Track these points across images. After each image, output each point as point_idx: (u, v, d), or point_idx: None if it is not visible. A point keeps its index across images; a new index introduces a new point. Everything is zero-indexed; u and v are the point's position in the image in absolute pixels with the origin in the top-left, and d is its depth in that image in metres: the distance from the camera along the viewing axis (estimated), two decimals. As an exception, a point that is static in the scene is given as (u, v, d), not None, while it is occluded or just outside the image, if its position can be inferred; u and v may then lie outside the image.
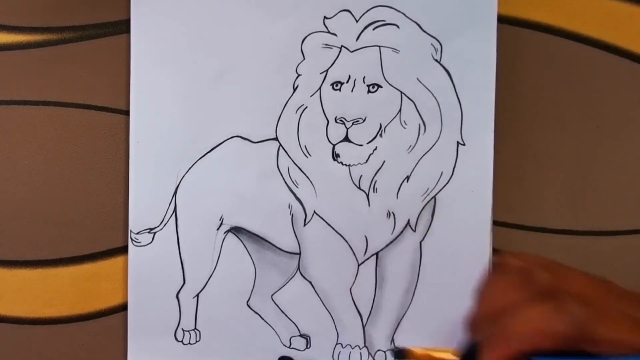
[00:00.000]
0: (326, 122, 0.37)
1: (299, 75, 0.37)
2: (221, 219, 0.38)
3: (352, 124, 0.37)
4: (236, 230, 0.38)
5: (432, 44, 0.37)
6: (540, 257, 0.27)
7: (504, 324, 0.26)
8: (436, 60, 0.37)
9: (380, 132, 0.37)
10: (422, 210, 0.37)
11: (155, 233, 0.37)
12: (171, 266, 0.38)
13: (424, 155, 0.37)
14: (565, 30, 0.38)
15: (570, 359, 0.25)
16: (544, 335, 0.24)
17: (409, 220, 0.37)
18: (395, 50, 0.37)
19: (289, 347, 0.38)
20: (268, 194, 0.37)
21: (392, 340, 0.38)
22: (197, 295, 0.38)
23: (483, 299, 0.28)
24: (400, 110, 0.37)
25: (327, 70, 0.37)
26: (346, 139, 0.37)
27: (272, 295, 0.38)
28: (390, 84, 0.37)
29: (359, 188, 0.37)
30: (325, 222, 0.37)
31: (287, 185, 0.37)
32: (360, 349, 0.38)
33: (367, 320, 0.38)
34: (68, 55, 0.38)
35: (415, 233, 0.37)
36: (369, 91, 0.37)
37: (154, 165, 0.37)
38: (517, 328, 0.25)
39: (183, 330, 0.38)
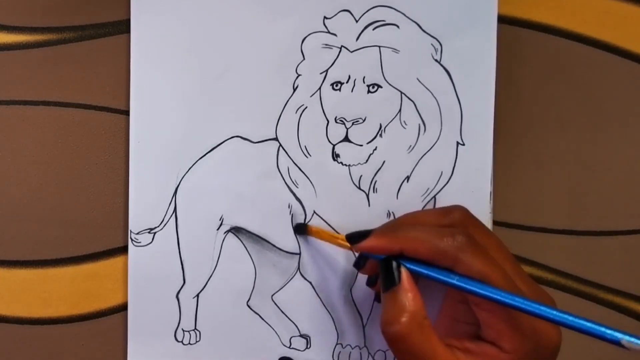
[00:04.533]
0: (326, 122, 0.37)
1: (299, 75, 0.37)
2: (221, 219, 0.38)
3: (352, 124, 0.37)
4: (236, 230, 0.38)
5: (432, 44, 0.37)
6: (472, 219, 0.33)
7: (402, 226, 0.32)
8: (436, 60, 0.37)
9: (380, 132, 0.37)
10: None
11: (155, 233, 0.38)
12: (171, 266, 0.38)
13: (424, 155, 0.37)
14: (565, 30, 0.38)
15: (434, 270, 0.30)
16: (423, 244, 0.30)
17: (409, 220, 0.37)
18: (395, 50, 0.37)
19: (289, 347, 0.38)
20: (268, 194, 0.37)
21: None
22: (197, 296, 0.38)
23: (407, 214, 0.34)
24: (400, 110, 0.37)
25: (327, 71, 0.37)
26: (346, 139, 0.37)
27: (272, 296, 0.38)
28: (390, 84, 0.37)
29: (359, 188, 0.37)
30: (326, 222, 0.37)
31: (287, 185, 0.37)
32: (360, 349, 0.38)
33: (367, 320, 0.38)
34: (68, 55, 0.38)
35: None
36: (369, 91, 0.37)
37: (154, 165, 0.37)
38: (407, 232, 0.31)
39: (183, 331, 0.38)
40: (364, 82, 0.37)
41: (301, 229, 0.37)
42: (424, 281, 0.32)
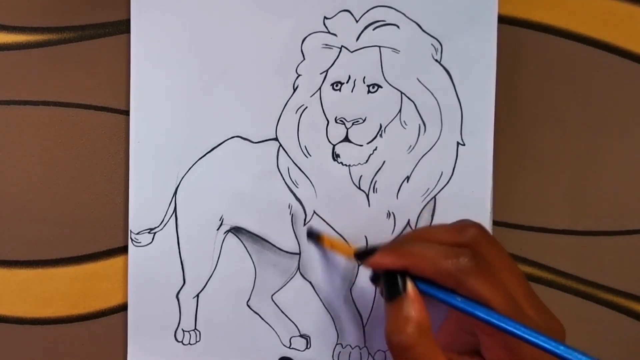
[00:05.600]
0: (326, 122, 0.37)
1: (299, 75, 0.37)
2: (221, 219, 0.38)
3: (352, 124, 0.37)
4: (236, 231, 0.38)
5: (432, 44, 0.37)
6: (487, 235, 0.32)
7: (412, 243, 0.30)
8: (436, 60, 0.37)
9: (380, 132, 0.37)
10: (422, 210, 0.37)
11: (155, 233, 0.38)
12: (171, 266, 0.38)
13: (424, 155, 0.37)
14: (565, 30, 0.38)
15: (441, 290, 0.29)
16: (427, 263, 0.29)
17: (409, 220, 0.37)
18: (395, 50, 0.37)
19: (289, 348, 0.38)
20: (268, 194, 0.37)
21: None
22: (197, 296, 0.38)
23: (419, 229, 0.34)
24: (400, 110, 0.37)
25: (327, 71, 0.37)
26: (346, 139, 0.37)
27: (272, 296, 0.38)
28: (390, 84, 0.37)
29: (359, 188, 0.37)
30: (326, 222, 0.37)
31: (287, 186, 0.37)
32: (360, 349, 0.38)
33: (367, 320, 0.38)
34: (68, 55, 0.38)
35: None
36: (369, 91, 0.37)
37: (154, 165, 0.37)
38: (413, 249, 0.30)
39: (183, 331, 0.38)
40: (364, 82, 0.37)
41: (313, 237, 0.37)
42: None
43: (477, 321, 0.29)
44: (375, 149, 0.37)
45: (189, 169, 0.37)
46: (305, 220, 0.37)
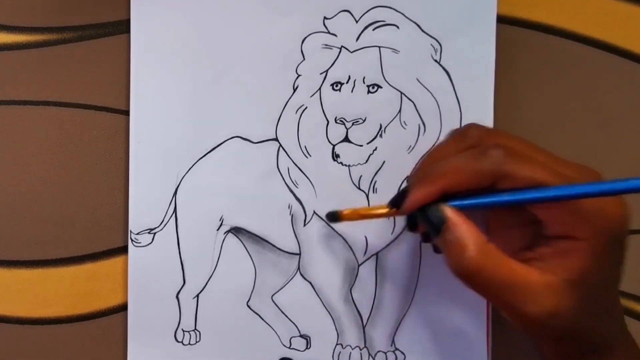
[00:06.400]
0: (326, 122, 0.37)
1: (299, 75, 0.37)
2: (221, 219, 0.38)
3: (352, 124, 0.37)
4: (236, 231, 0.38)
5: (431, 44, 0.37)
6: (497, 131, 0.32)
7: (433, 167, 0.30)
8: (436, 60, 0.37)
9: (380, 133, 0.37)
10: (422, 210, 0.37)
11: (155, 233, 0.38)
12: (171, 266, 0.38)
13: (424, 155, 0.37)
14: (565, 30, 0.38)
15: (483, 197, 0.29)
16: (463, 172, 0.28)
17: (409, 220, 0.37)
18: (395, 50, 0.37)
19: (289, 348, 0.38)
20: (268, 195, 0.37)
21: (393, 341, 0.38)
22: (197, 296, 0.38)
23: (428, 154, 0.33)
24: (400, 110, 0.37)
25: (327, 71, 0.37)
26: (346, 139, 0.37)
27: (272, 296, 0.38)
28: (390, 85, 0.37)
29: (359, 188, 0.37)
30: (326, 222, 0.37)
31: (287, 186, 0.37)
32: (360, 350, 0.38)
33: (367, 320, 0.38)
34: (68, 55, 0.38)
35: (415, 233, 0.37)
36: (368, 91, 0.37)
37: (154, 165, 0.37)
38: (442, 169, 0.29)
39: (183, 331, 0.38)
40: (364, 83, 0.37)
41: (334, 217, 0.34)
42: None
43: (531, 206, 0.28)
44: (375, 149, 0.37)
45: (189, 169, 0.37)
46: (305, 220, 0.37)
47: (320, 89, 0.37)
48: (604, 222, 0.28)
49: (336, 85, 0.37)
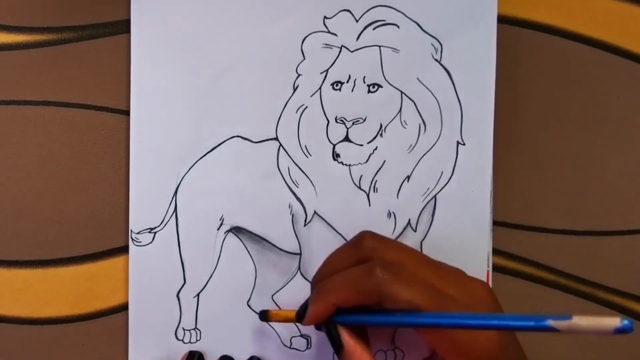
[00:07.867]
0: (326, 122, 0.37)
1: (299, 75, 0.37)
2: (221, 219, 0.38)
3: (353, 123, 0.37)
4: (237, 230, 0.38)
5: (432, 44, 0.37)
6: (389, 240, 0.34)
7: (327, 282, 0.32)
8: (436, 60, 0.37)
9: (380, 132, 0.37)
10: (422, 210, 0.37)
11: (155, 233, 0.38)
12: (172, 266, 0.38)
13: (424, 155, 0.37)
14: (565, 30, 0.38)
15: (370, 315, 0.31)
16: (350, 290, 0.30)
17: (409, 220, 0.37)
18: (395, 50, 0.37)
19: (289, 348, 0.38)
20: (268, 194, 0.37)
21: (393, 341, 0.38)
22: (198, 295, 0.38)
23: (325, 262, 0.34)
24: (400, 110, 0.37)
25: (327, 70, 0.37)
26: (346, 138, 0.37)
27: (272, 295, 0.38)
28: (390, 84, 0.37)
29: (360, 188, 0.37)
30: (326, 222, 0.37)
31: (288, 185, 0.37)
32: (360, 349, 0.38)
33: (368, 320, 0.38)
34: (68, 55, 0.38)
35: (416, 233, 0.37)
36: (369, 91, 0.37)
37: (154, 165, 0.37)
38: (333, 284, 0.31)
39: (184, 330, 0.38)
40: (364, 82, 0.37)
41: (264, 316, 0.36)
42: None
43: (420, 331, 0.30)
44: (376, 149, 0.37)
45: (190, 168, 0.37)
46: (305, 220, 0.38)
47: (320, 88, 0.37)
48: (477, 352, 0.29)
49: (336, 85, 0.37)
